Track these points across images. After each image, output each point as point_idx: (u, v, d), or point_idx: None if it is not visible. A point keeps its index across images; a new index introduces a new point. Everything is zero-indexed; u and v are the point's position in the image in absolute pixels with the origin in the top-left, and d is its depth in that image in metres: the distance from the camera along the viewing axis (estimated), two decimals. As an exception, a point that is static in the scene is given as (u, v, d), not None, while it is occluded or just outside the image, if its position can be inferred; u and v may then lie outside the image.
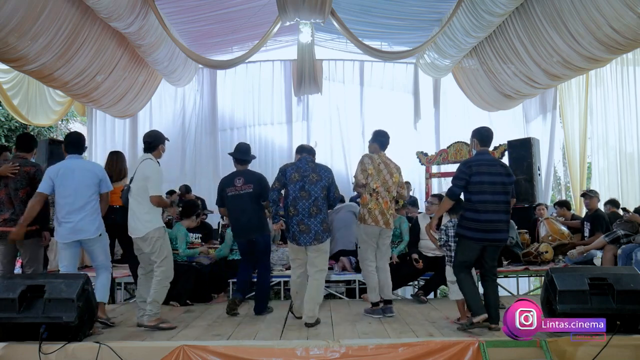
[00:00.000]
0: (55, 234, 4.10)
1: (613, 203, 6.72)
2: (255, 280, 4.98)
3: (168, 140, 4.61)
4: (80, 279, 3.63)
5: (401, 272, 5.40)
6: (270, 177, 4.62)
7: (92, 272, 5.34)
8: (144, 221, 4.14)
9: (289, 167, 4.40)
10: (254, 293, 4.94)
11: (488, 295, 3.96)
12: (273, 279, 5.81)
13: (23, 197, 4.24)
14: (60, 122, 11.85)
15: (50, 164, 7.42)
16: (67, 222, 3.99)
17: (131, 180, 4.24)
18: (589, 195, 6.69)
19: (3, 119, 10.58)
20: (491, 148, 8.28)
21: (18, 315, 3.45)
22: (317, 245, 4.26)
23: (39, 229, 4.31)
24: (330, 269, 5.93)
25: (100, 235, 4.10)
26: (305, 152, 4.53)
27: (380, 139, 4.67)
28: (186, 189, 7.83)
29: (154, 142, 4.33)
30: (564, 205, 7.45)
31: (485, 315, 3.86)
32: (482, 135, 4.15)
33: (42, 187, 4.02)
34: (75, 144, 4.21)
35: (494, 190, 3.89)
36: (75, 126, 14.38)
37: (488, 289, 3.97)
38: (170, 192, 6.57)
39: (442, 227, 4.32)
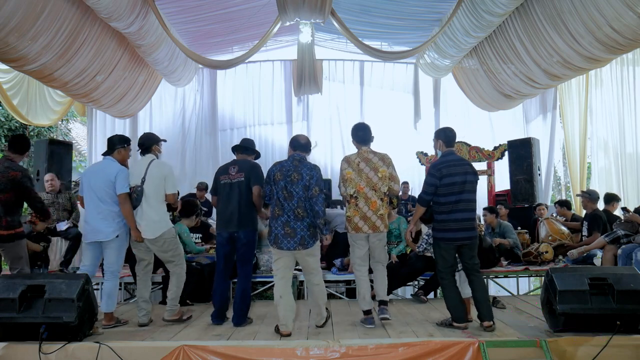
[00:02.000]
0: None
1: (608, 200, 6.68)
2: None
3: (165, 140, 4.57)
4: (80, 279, 3.64)
5: (401, 272, 5.40)
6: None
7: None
8: (156, 221, 4.19)
9: (273, 167, 4.12)
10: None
11: (476, 293, 3.96)
12: (273, 279, 5.80)
13: (4, 201, 4.12)
14: (60, 122, 11.85)
15: (51, 165, 7.53)
16: (87, 222, 4.10)
17: (142, 182, 4.18)
18: (580, 196, 6.76)
19: (3, 119, 10.58)
20: (491, 148, 8.44)
21: (18, 315, 3.46)
22: (303, 251, 3.95)
23: (19, 233, 4.27)
24: (328, 268, 5.94)
25: (117, 237, 4.10)
26: (300, 148, 4.16)
27: (357, 134, 4.28)
28: (205, 187, 7.85)
29: (146, 144, 4.36)
30: (564, 204, 7.44)
31: (466, 324, 3.91)
32: (447, 135, 4.17)
33: (80, 190, 4.22)
34: (108, 145, 4.29)
35: (463, 190, 3.92)
36: (75, 126, 14.40)
37: (475, 286, 3.97)
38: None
39: (424, 235, 4.33)
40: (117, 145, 4.28)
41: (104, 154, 4.29)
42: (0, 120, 10.56)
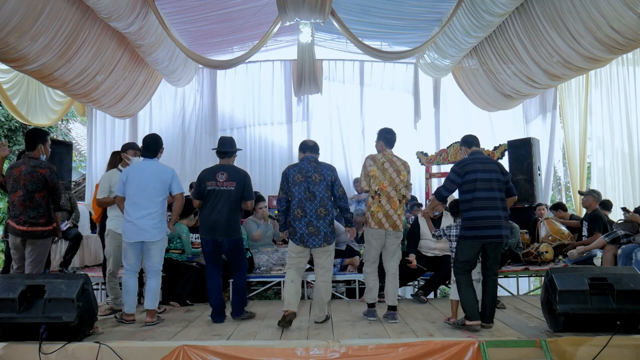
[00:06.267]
0: (122, 231, 4.23)
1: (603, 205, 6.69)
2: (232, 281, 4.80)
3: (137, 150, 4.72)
4: (80, 279, 3.64)
5: (401, 272, 5.38)
6: (271, 177, 4.62)
7: (91, 272, 5.33)
8: None
9: (291, 169, 4.30)
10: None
11: (486, 295, 3.96)
12: (273, 279, 5.81)
13: (39, 200, 4.21)
14: (60, 122, 11.85)
15: (51, 164, 7.51)
16: (132, 222, 4.11)
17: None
18: (582, 195, 6.77)
19: (3, 119, 10.58)
20: (491, 148, 8.44)
21: (18, 315, 3.46)
22: (325, 247, 4.22)
23: (53, 230, 4.33)
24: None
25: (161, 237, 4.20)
26: (309, 150, 4.40)
27: (385, 136, 4.56)
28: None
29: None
30: (559, 208, 7.43)
31: (479, 322, 3.88)
32: (468, 141, 4.26)
33: (118, 190, 4.25)
34: (148, 147, 4.32)
35: (489, 187, 3.91)
36: (75, 126, 14.40)
37: (487, 288, 3.97)
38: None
39: (445, 226, 4.34)
40: (161, 145, 4.42)
41: (145, 155, 4.31)
42: (0, 120, 10.55)
